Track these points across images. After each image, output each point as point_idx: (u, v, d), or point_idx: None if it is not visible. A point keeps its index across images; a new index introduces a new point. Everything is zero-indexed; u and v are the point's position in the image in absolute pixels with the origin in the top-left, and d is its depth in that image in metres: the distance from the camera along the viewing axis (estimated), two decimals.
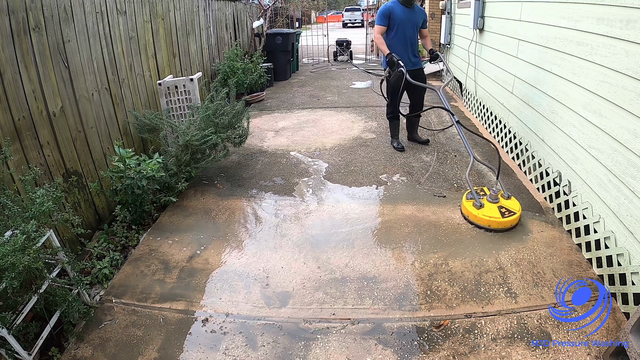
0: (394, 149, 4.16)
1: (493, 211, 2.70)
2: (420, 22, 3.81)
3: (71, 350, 1.93)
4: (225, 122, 3.53)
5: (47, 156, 2.38)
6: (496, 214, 2.68)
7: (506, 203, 2.79)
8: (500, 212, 2.70)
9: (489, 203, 2.79)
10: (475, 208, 2.75)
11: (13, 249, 1.55)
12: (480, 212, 2.72)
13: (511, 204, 2.79)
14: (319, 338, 1.95)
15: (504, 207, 2.74)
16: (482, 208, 2.74)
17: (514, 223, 2.69)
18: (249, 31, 8.14)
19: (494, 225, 2.67)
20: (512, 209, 2.72)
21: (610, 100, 2.23)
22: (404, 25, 3.72)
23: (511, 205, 2.76)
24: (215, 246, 2.68)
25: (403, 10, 3.71)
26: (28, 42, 2.25)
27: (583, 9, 2.53)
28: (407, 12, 3.71)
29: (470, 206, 2.78)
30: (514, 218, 2.67)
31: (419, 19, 3.79)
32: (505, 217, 2.66)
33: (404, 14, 3.71)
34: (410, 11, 3.73)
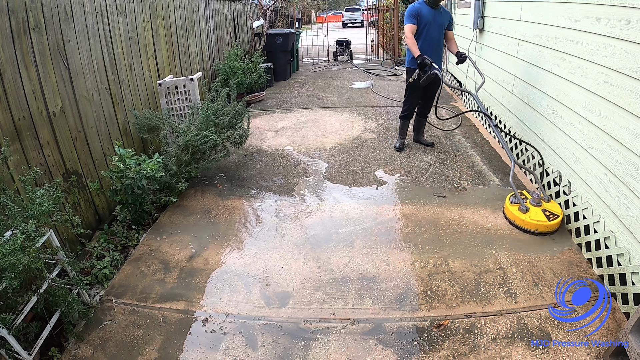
0: (395, 148, 4.17)
1: (539, 215, 2.69)
2: (446, 23, 3.76)
3: (71, 350, 1.93)
4: (225, 122, 3.53)
5: (47, 156, 2.38)
6: (542, 218, 2.67)
7: (548, 206, 2.78)
8: (546, 215, 2.69)
9: (533, 207, 2.77)
10: (521, 212, 2.73)
11: (13, 249, 1.55)
12: (527, 216, 2.70)
13: (553, 207, 2.77)
14: (319, 338, 1.95)
15: (548, 210, 2.73)
16: (528, 212, 2.72)
17: (558, 226, 2.68)
18: (249, 31, 8.14)
19: (541, 229, 2.65)
20: (556, 212, 2.71)
21: (610, 100, 2.23)
22: (430, 27, 3.68)
23: (554, 209, 2.75)
24: (215, 246, 2.68)
25: (429, 11, 3.67)
26: (28, 42, 2.25)
27: (583, 9, 2.53)
28: (434, 13, 3.67)
29: (516, 210, 2.76)
30: (559, 221, 2.66)
31: (444, 20, 3.74)
32: (551, 220, 2.65)
33: (431, 15, 3.66)
34: (436, 12, 3.69)
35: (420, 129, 4.29)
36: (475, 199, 3.11)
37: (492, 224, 2.76)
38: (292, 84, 7.76)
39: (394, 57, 9.92)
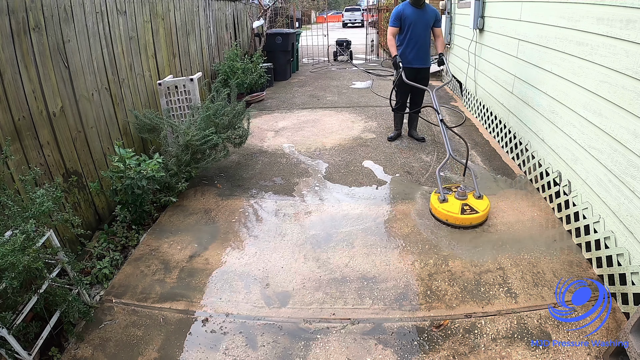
0: (387, 138, 4.42)
1: (453, 207, 2.74)
2: (432, 21, 3.88)
3: (71, 350, 1.93)
4: (225, 122, 3.53)
5: (47, 156, 2.38)
6: (454, 210, 2.71)
7: (473, 202, 2.80)
8: (462, 208, 2.71)
9: (454, 199, 2.81)
10: (438, 202, 2.81)
11: (13, 249, 1.55)
12: (441, 206, 2.77)
13: (479, 203, 2.79)
14: (319, 338, 1.95)
15: (469, 205, 2.76)
16: (444, 203, 2.79)
17: (473, 221, 2.69)
18: (249, 31, 8.14)
19: (450, 220, 2.71)
20: (477, 208, 2.73)
21: (610, 100, 2.23)
22: (414, 26, 3.85)
23: (477, 205, 2.76)
24: (215, 246, 2.68)
25: (413, 11, 3.84)
26: (28, 42, 2.25)
27: (583, 9, 2.53)
28: (418, 13, 3.83)
29: (435, 199, 2.84)
30: (475, 217, 2.68)
31: (429, 18, 3.86)
32: (464, 214, 2.68)
33: (415, 15, 3.83)
34: (421, 11, 3.83)
35: (413, 123, 4.44)
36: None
37: (492, 224, 2.76)
38: (292, 84, 7.76)
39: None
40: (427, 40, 3.93)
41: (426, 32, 3.90)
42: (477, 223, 2.72)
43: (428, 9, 3.87)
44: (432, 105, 3.56)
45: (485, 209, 2.75)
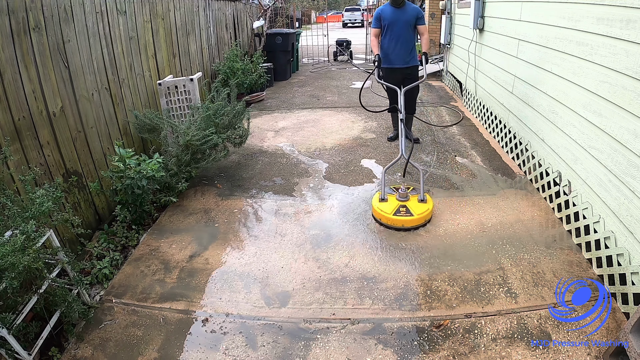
0: (387, 138, 4.45)
1: (388, 207, 2.75)
2: (413, 20, 3.84)
3: (71, 350, 1.93)
4: (225, 122, 3.53)
5: (47, 156, 2.38)
6: (388, 210, 2.72)
7: (413, 204, 2.79)
8: (397, 210, 2.72)
9: (395, 200, 2.82)
10: (377, 200, 2.83)
11: (13, 249, 1.55)
12: (379, 205, 2.78)
13: (418, 206, 2.77)
14: (319, 338, 1.95)
15: (406, 207, 2.75)
16: (383, 202, 2.80)
17: (405, 224, 2.69)
18: (249, 31, 8.14)
19: (383, 220, 2.73)
20: (413, 211, 2.72)
21: (610, 100, 2.23)
22: (394, 25, 3.85)
23: (415, 208, 2.75)
24: (215, 246, 2.68)
25: (393, 11, 3.85)
26: (28, 42, 2.25)
27: (583, 9, 2.53)
28: (397, 12, 3.82)
29: (376, 198, 2.87)
30: (407, 219, 2.67)
31: (410, 17, 3.83)
32: (397, 215, 2.68)
33: (394, 14, 3.83)
34: (400, 11, 3.82)
35: (407, 123, 4.37)
36: (474, 199, 3.11)
37: (493, 224, 2.76)
38: (292, 84, 7.76)
39: None
40: (410, 39, 3.89)
41: (407, 31, 3.86)
42: (410, 226, 2.69)
43: (408, 8, 3.84)
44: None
45: (423, 213, 2.71)
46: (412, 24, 3.86)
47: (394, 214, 2.72)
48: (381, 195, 2.89)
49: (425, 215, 2.73)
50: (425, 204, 2.81)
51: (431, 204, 2.82)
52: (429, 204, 2.82)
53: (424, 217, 2.72)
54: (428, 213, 2.75)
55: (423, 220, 2.73)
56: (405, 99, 4.11)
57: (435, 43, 8.76)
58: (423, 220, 2.73)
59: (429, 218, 2.77)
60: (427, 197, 2.89)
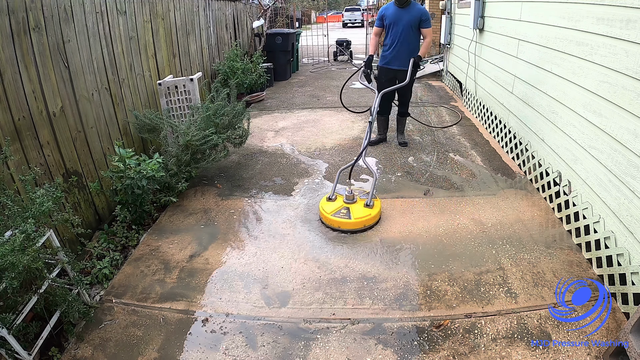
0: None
1: (330, 207, 2.81)
2: (416, 21, 3.70)
3: (71, 350, 1.93)
4: (225, 122, 3.53)
5: (47, 156, 2.38)
6: (329, 210, 2.77)
7: (356, 208, 2.78)
8: (338, 211, 2.74)
9: (342, 201, 2.85)
10: (325, 199, 2.92)
11: (13, 249, 1.55)
12: (324, 203, 2.87)
13: (361, 210, 2.76)
14: (319, 338, 1.95)
15: (349, 209, 2.77)
16: (329, 201, 2.88)
17: (342, 226, 2.70)
18: (249, 31, 8.14)
19: (323, 219, 2.80)
20: (352, 214, 2.72)
21: (610, 100, 2.23)
22: (394, 26, 3.77)
23: (357, 212, 2.75)
24: (215, 246, 2.68)
25: (396, 10, 3.75)
26: (28, 42, 2.25)
27: (583, 9, 2.53)
28: (400, 12, 3.72)
29: (325, 197, 2.94)
30: (344, 221, 2.69)
31: (413, 18, 3.69)
32: (335, 216, 2.71)
33: (396, 14, 3.74)
34: (403, 11, 3.71)
35: (398, 127, 4.33)
36: (475, 199, 3.11)
37: (493, 224, 2.76)
38: (292, 84, 7.76)
39: None
40: (411, 41, 3.76)
41: (408, 33, 3.73)
42: (346, 229, 2.70)
43: (413, 9, 3.71)
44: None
45: (362, 218, 2.70)
46: (415, 26, 3.72)
47: (334, 214, 2.74)
48: (330, 194, 2.93)
49: (365, 220, 2.71)
50: (370, 209, 2.77)
51: (376, 211, 2.78)
52: (373, 210, 2.77)
53: (362, 221, 2.70)
54: (368, 219, 2.72)
55: (362, 225, 2.70)
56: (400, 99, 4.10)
57: (435, 43, 8.76)
58: (362, 225, 2.70)
59: (370, 223, 2.74)
60: (376, 203, 2.84)
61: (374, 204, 2.83)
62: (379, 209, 2.83)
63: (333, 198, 2.92)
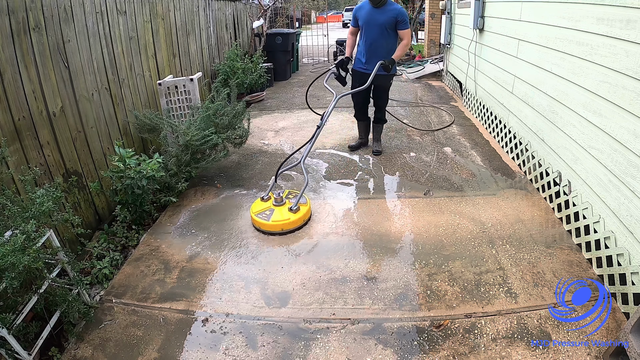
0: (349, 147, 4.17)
1: (257, 207, 2.90)
2: (390, 23, 3.39)
3: (71, 350, 1.93)
4: (225, 122, 3.53)
5: (47, 156, 2.38)
6: (254, 210, 2.87)
7: (279, 210, 2.82)
8: (263, 211, 2.83)
9: (272, 204, 2.90)
10: (259, 199, 3.00)
11: (13, 249, 1.55)
12: (256, 202, 2.97)
13: (283, 214, 2.79)
14: (319, 338, 1.95)
15: (273, 211, 2.82)
16: (262, 201, 2.96)
17: (261, 227, 2.76)
18: (249, 31, 8.14)
19: (252, 220, 2.84)
20: (273, 217, 2.77)
21: (610, 100, 2.23)
22: (366, 26, 3.50)
23: (278, 215, 2.78)
24: (215, 246, 2.68)
25: (369, 10, 3.46)
26: (28, 42, 2.25)
27: (583, 9, 2.53)
28: (373, 12, 3.43)
29: (260, 199, 3.00)
30: (263, 222, 2.74)
31: (387, 19, 3.39)
32: (257, 216, 2.79)
33: (369, 14, 3.45)
34: (377, 11, 3.41)
35: (374, 134, 4.06)
36: (475, 199, 3.11)
37: (493, 224, 2.76)
38: (292, 84, 7.76)
39: None
40: (384, 44, 3.48)
41: (382, 35, 3.44)
42: (265, 230, 2.76)
43: (388, 8, 3.39)
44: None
45: (279, 221, 2.73)
46: (390, 27, 3.42)
47: (257, 214, 2.80)
48: (264, 196, 2.98)
49: (282, 224, 2.73)
50: (294, 214, 2.78)
51: (297, 216, 2.78)
52: (296, 214, 2.78)
53: (279, 225, 2.73)
54: (287, 223, 2.74)
55: (279, 228, 2.73)
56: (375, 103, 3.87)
57: (435, 43, 8.76)
58: (279, 228, 2.73)
59: (289, 228, 2.76)
60: (302, 208, 2.84)
61: (300, 209, 2.83)
62: (302, 214, 2.82)
63: (266, 198, 2.96)
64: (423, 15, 9.96)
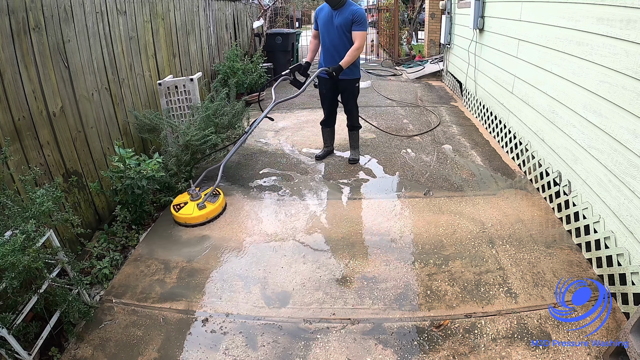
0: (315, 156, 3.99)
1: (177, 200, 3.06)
2: (347, 25, 3.28)
3: (71, 350, 1.93)
4: (225, 122, 3.53)
5: (47, 156, 2.38)
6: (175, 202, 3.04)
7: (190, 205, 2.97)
8: (179, 204, 3.00)
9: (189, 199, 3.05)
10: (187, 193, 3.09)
11: (13, 249, 1.55)
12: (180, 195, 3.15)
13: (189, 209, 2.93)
14: (319, 338, 1.95)
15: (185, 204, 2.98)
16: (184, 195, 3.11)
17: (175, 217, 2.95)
18: (249, 31, 8.14)
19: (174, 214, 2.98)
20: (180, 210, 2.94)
21: (610, 100, 2.23)
22: (325, 29, 3.40)
23: (185, 209, 2.94)
24: (215, 246, 2.68)
25: (327, 12, 3.36)
26: (28, 42, 2.25)
27: (583, 9, 2.53)
28: (331, 14, 3.33)
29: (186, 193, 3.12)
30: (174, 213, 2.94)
31: (345, 21, 3.26)
32: (173, 208, 2.99)
33: (326, 17, 3.36)
34: (336, 12, 3.30)
35: (350, 141, 3.90)
36: (474, 199, 3.11)
37: (493, 224, 2.76)
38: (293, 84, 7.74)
39: (394, 57, 9.92)
40: (342, 47, 3.35)
41: (339, 38, 3.33)
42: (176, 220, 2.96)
43: (346, 10, 3.26)
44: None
45: (183, 215, 2.90)
46: (347, 29, 3.29)
47: (174, 206, 3.00)
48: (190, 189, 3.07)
49: (185, 218, 2.91)
50: (198, 210, 2.93)
51: (201, 212, 2.92)
52: (201, 211, 2.93)
53: (183, 218, 2.92)
54: (189, 218, 2.91)
55: (183, 220, 2.92)
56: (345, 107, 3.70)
57: (435, 43, 8.76)
58: (183, 220, 2.92)
59: (190, 222, 2.91)
60: (208, 206, 2.97)
61: (207, 206, 2.97)
62: (206, 212, 2.95)
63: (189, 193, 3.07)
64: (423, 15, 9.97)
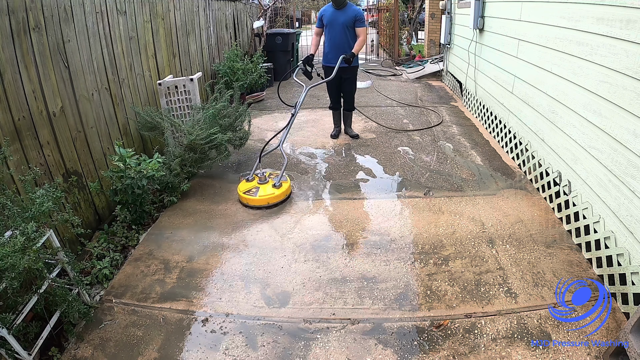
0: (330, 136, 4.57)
1: (244, 186, 3.19)
2: (351, 22, 3.92)
3: (71, 350, 1.93)
4: (227, 124, 3.54)
5: (47, 156, 2.38)
6: (242, 189, 3.16)
7: (264, 188, 3.13)
8: (249, 189, 3.14)
9: (255, 182, 3.21)
10: (244, 180, 3.29)
11: (13, 250, 1.55)
12: (241, 183, 3.27)
13: (267, 190, 3.11)
14: (319, 338, 1.95)
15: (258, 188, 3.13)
16: (247, 182, 3.25)
17: (249, 202, 3.09)
18: (249, 31, 8.14)
19: (240, 197, 3.15)
20: (259, 193, 3.09)
21: (610, 100, 2.23)
22: (330, 26, 4.02)
23: (263, 191, 3.11)
24: (215, 246, 2.68)
25: (332, 11, 3.98)
26: (28, 42, 2.24)
27: (583, 9, 2.53)
28: (336, 14, 3.96)
29: (245, 180, 3.29)
30: (251, 198, 3.07)
31: (348, 19, 3.91)
32: (245, 194, 3.10)
33: (332, 16, 3.97)
34: (339, 12, 3.94)
35: (346, 121, 4.59)
36: (475, 199, 3.11)
37: (493, 224, 2.76)
38: (292, 84, 7.74)
39: (394, 57, 9.92)
40: (345, 41, 4.00)
41: (343, 34, 3.97)
42: (252, 204, 3.09)
43: (348, 10, 3.93)
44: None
45: (266, 196, 3.08)
46: (350, 26, 3.93)
47: (245, 192, 3.11)
48: (250, 177, 3.29)
49: (269, 198, 3.08)
50: (277, 189, 3.12)
51: (280, 191, 3.12)
52: (279, 190, 3.12)
53: (266, 199, 3.07)
54: (273, 197, 3.09)
55: (265, 202, 3.07)
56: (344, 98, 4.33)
57: (435, 43, 8.76)
58: (265, 202, 3.07)
59: (274, 202, 3.09)
60: (284, 184, 3.18)
61: (282, 185, 3.16)
62: (284, 189, 3.16)
63: (250, 179, 3.26)
64: (423, 15, 9.97)
